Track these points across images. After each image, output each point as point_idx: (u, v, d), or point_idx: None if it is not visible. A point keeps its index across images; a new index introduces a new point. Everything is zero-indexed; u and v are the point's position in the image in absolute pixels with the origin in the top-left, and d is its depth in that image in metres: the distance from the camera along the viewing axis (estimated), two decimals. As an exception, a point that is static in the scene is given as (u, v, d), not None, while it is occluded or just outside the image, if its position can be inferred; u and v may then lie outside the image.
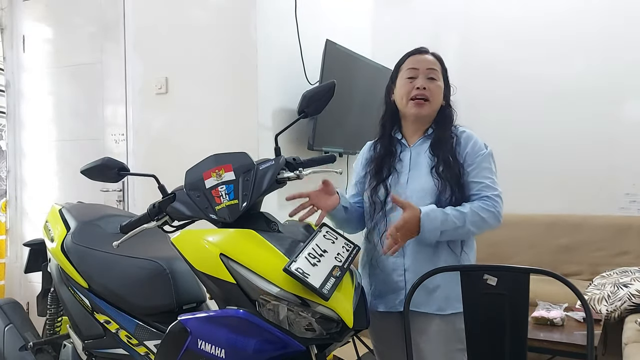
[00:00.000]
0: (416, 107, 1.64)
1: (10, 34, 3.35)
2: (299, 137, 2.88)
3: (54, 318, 2.11)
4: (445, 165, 1.59)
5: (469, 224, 1.52)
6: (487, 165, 1.60)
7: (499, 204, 1.56)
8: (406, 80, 1.65)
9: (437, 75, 1.66)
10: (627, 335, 2.28)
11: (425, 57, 1.68)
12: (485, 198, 1.56)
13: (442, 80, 1.68)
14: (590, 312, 1.43)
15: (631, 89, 3.34)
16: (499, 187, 1.59)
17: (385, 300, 1.64)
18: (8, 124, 3.33)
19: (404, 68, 1.68)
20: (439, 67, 1.68)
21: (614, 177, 3.37)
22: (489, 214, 1.54)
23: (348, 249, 1.43)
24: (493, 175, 1.61)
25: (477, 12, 3.74)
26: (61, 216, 2.04)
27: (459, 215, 1.52)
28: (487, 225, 1.55)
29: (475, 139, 1.65)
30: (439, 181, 1.58)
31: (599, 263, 3.13)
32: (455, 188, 1.57)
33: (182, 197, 1.49)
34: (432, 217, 1.51)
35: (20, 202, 3.35)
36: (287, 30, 2.85)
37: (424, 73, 1.64)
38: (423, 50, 1.70)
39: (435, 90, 1.64)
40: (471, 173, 1.59)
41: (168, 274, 1.73)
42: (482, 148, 1.63)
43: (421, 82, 1.63)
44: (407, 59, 1.69)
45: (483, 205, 1.55)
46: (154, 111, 2.88)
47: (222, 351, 1.28)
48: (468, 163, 1.60)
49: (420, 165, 1.63)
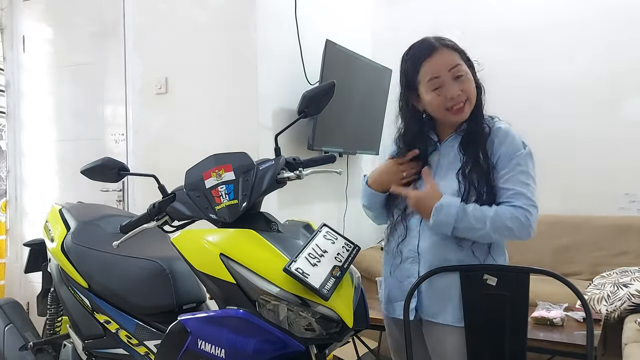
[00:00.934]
0: (458, 115, 1.46)
1: (10, 34, 3.35)
2: (299, 137, 2.88)
3: (54, 318, 2.11)
4: (474, 165, 1.43)
5: (488, 230, 1.38)
6: (523, 169, 1.41)
7: (533, 216, 1.37)
8: (434, 94, 1.45)
9: (462, 70, 1.45)
10: (627, 335, 2.28)
11: (440, 57, 1.45)
12: (518, 207, 1.37)
13: (467, 69, 1.47)
14: (590, 312, 1.43)
15: (631, 89, 3.34)
16: (534, 196, 1.40)
17: (396, 307, 1.55)
18: (8, 124, 3.33)
19: (424, 78, 1.46)
20: (457, 57, 1.46)
21: (613, 177, 3.37)
22: (518, 224, 1.37)
23: (348, 249, 1.43)
24: (530, 181, 1.41)
25: (477, 12, 3.74)
26: (61, 216, 2.04)
27: (481, 216, 1.38)
28: (512, 235, 1.39)
29: (513, 135, 1.45)
30: (464, 184, 1.43)
31: (598, 263, 3.12)
32: (482, 191, 1.41)
33: (182, 197, 1.49)
34: (445, 211, 1.39)
35: (20, 202, 3.35)
36: (287, 30, 2.85)
37: (447, 76, 1.43)
38: (433, 47, 1.46)
39: (468, 87, 1.45)
40: (503, 177, 1.41)
41: (168, 274, 1.73)
42: (520, 147, 1.44)
43: (451, 91, 1.43)
44: (421, 67, 1.46)
45: (513, 213, 1.37)
46: (153, 111, 2.88)
47: (222, 351, 1.28)
48: (501, 166, 1.42)
49: (447, 166, 1.49)
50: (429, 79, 1.45)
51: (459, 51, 1.49)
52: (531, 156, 1.45)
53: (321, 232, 1.43)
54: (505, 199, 1.40)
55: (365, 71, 3.27)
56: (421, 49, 1.48)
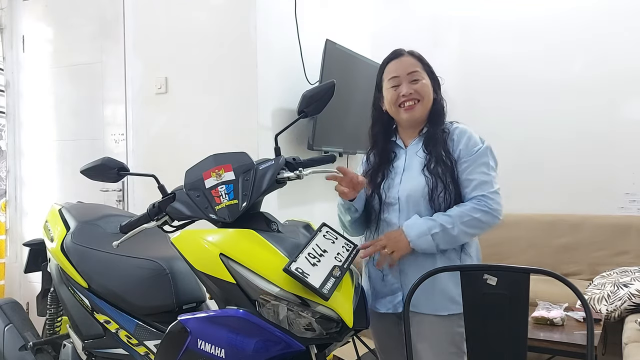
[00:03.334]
0: (408, 112, 1.62)
1: (10, 34, 3.35)
2: (299, 137, 2.88)
3: (54, 318, 2.11)
4: (437, 162, 1.56)
5: (460, 226, 1.50)
6: (483, 161, 1.56)
7: (494, 201, 1.52)
8: (391, 90, 1.64)
9: (420, 75, 1.63)
10: (627, 335, 2.28)
11: (403, 61, 1.65)
12: (480, 197, 1.52)
13: (427, 78, 1.64)
14: (590, 312, 1.42)
15: (631, 89, 3.34)
16: (496, 183, 1.55)
17: (383, 302, 1.64)
18: (8, 124, 3.33)
19: (386, 77, 1.66)
20: (419, 66, 1.64)
21: (613, 176, 3.37)
22: (481, 213, 1.51)
23: (348, 249, 1.43)
24: (490, 170, 1.56)
25: (477, 12, 3.74)
26: (61, 216, 2.04)
27: (447, 218, 1.51)
28: (483, 224, 1.52)
29: (470, 133, 1.61)
30: (431, 178, 1.56)
31: (599, 263, 3.13)
32: (449, 184, 1.54)
33: (181, 197, 1.49)
34: (413, 224, 1.52)
35: (20, 202, 3.35)
36: (287, 30, 2.85)
37: (405, 78, 1.62)
38: (399, 53, 1.67)
39: (422, 89, 1.62)
40: (466, 170, 1.56)
41: (168, 273, 1.73)
42: (477, 143, 1.59)
43: (405, 89, 1.61)
44: (386, 67, 1.67)
45: (474, 205, 1.52)
46: (153, 111, 2.88)
47: (222, 351, 1.28)
48: (462, 160, 1.57)
49: (414, 165, 1.62)
50: (390, 77, 1.65)
51: (423, 63, 1.67)
52: (490, 150, 1.60)
53: (321, 232, 1.43)
54: (469, 189, 1.55)
55: (365, 71, 3.27)
56: (391, 54, 1.69)
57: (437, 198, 1.55)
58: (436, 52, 3.38)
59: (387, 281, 1.63)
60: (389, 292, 1.63)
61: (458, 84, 3.49)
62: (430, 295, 1.55)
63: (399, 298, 1.60)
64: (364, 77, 3.24)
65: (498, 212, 1.53)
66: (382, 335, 1.73)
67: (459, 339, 1.55)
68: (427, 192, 1.56)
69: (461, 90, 3.49)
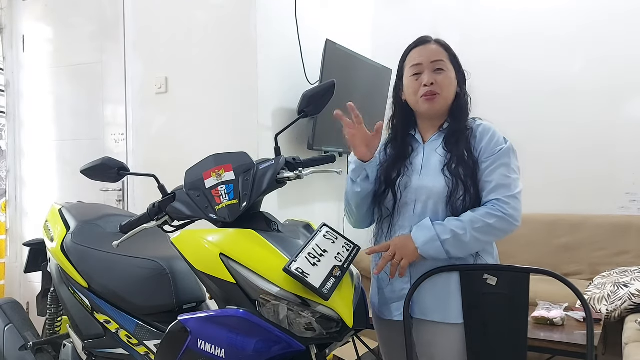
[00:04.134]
0: (428, 103, 1.50)
1: (10, 34, 3.35)
2: (299, 137, 2.88)
3: (54, 318, 2.11)
4: (459, 162, 1.46)
5: (472, 232, 1.39)
6: (504, 162, 1.46)
7: (510, 206, 1.41)
8: (412, 78, 1.53)
9: (444, 66, 1.52)
10: (628, 335, 2.28)
11: (428, 48, 1.53)
12: (495, 201, 1.42)
13: (452, 70, 1.54)
14: (590, 312, 1.42)
15: (631, 88, 3.34)
16: (515, 187, 1.44)
17: (391, 308, 1.56)
18: (8, 124, 3.32)
19: (408, 64, 1.55)
20: (445, 56, 1.53)
21: (614, 176, 3.37)
22: (495, 218, 1.40)
23: (348, 249, 1.43)
24: (511, 172, 1.45)
25: (477, 12, 3.74)
26: (61, 216, 2.04)
27: (459, 223, 1.41)
28: (497, 231, 1.42)
29: (493, 131, 1.51)
30: (451, 179, 1.45)
31: (599, 263, 3.13)
32: (470, 186, 1.44)
33: (182, 197, 1.49)
34: (422, 228, 1.43)
35: (20, 201, 3.35)
36: (287, 30, 2.84)
37: (429, 67, 1.50)
38: (425, 40, 1.55)
39: (444, 82, 1.51)
40: (485, 171, 1.46)
41: (168, 273, 1.73)
42: (501, 142, 1.48)
43: (427, 78, 1.49)
44: (409, 53, 1.56)
45: (488, 210, 1.42)
46: (153, 111, 2.88)
47: (222, 351, 1.28)
48: (483, 160, 1.47)
49: (433, 164, 1.50)
50: (412, 65, 1.54)
51: (450, 53, 1.56)
52: (513, 150, 1.50)
53: (321, 232, 1.43)
54: (486, 192, 1.45)
55: (365, 71, 3.27)
56: (416, 40, 1.57)
57: (457, 201, 1.45)
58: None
59: (395, 287, 1.54)
60: (397, 298, 1.54)
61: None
62: (442, 303, 1.47)
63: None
64: (364, 77, 3.24)
65: (514, 218, 1.42)
66: (389, 342, 1.64)
67: None
68: (447, 195, 1.45)
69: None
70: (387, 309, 1.56)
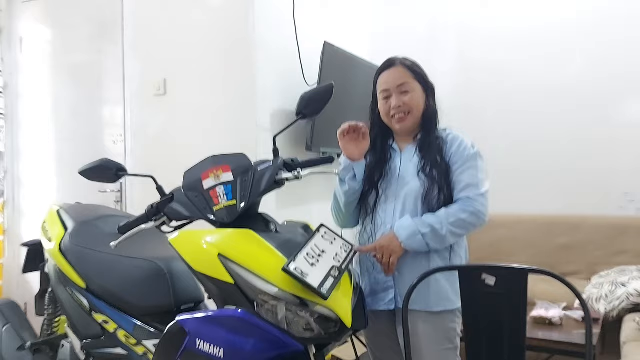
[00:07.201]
0: (399, 124, 1.69)
1: (8, 35, 3.35)
2: (297, 138, 2.88)
3: (52, 318, 2.10)
4: (432, 165, 1.63)
5: (447, 226, 1.55)
6: (472, 164, 1.62)
7: (480, 203, 1.58)
8: (383, 102, 1.71)
9: (409, 87, 1.68)
10: (626, 334, 2.29)
11: (393, 73, 1.69)
12: (465, 199, 1.58)
13: (417, 87, 1.69)
14: (588, 311, 1.43)
15: (630, 89, 3.34)
16: (483, 187, 1.61)
17: (376, 299, 1.66)
18: (6, 125, 3.32)
19: (379, 88, 1.73)
20: (409, 76, 1.69)
21: (612, 176, 3.37)
22: (467, 214, 1.56)
23: (346, 249, 1.43)
24: (478, 173, 1.62)
25: (475, 15, 3.74)
26: (59, 217, 2.04)
27: (435, 218, 1.56)
28: (469, 225, 1.58)
29: (462, 139, 1.67)
30: (426, 181, 1.61)
31: (597, 262, 3.13)
32: (443, 186, 1.61)
33: (180, 198, 1.49)
34: (403, 225, 1.57)
35: (18, 202, 3.34)
36: (285, 32, 2.84)
37: (395, 91, 1.67)
38: (391, 64, 1.71)
39: (411, 102, 1.67)
40: (456, 172, 1.62)
41: (166, 274, 1.73)
42: (468, 148, 1.65)
43: (395, 102, 1.67)
44: (379, 77, 1.73)
45: (460, 206, 1.58)
46: (152, 112, 2.88)
47: (221, 351, 1.28)
48: (453, 162, 1.63)
49: (409, 169, 1.67)
50: (381, 90, 1.72)
51: (414, 72, 1.70)
52: (480, 155, 1.66)
53: (319, 233, 1.43)
54: (458, 191, 1.61)
55: (364, 73, 3.26)
56: (383, 64, 1.74)
57: (432, 200, 1.60)
58: (434, 56, 3.39)
59: (379, 279, 1.65)
60: (381, 289, 1.65)
61: (456, 87, 3.48)
62: (422, 293, 1.57)
63: (391, 295, 1.62)
64: (362, 79, 3.23)
65: (483, 214, 1.59)
66: (375, 333, 1.75)
67: (452, 335, 1.60)
68: (423, 194, 1.61)
69: (459, 91, 3.49)
70: (371, 300, 1.66)
